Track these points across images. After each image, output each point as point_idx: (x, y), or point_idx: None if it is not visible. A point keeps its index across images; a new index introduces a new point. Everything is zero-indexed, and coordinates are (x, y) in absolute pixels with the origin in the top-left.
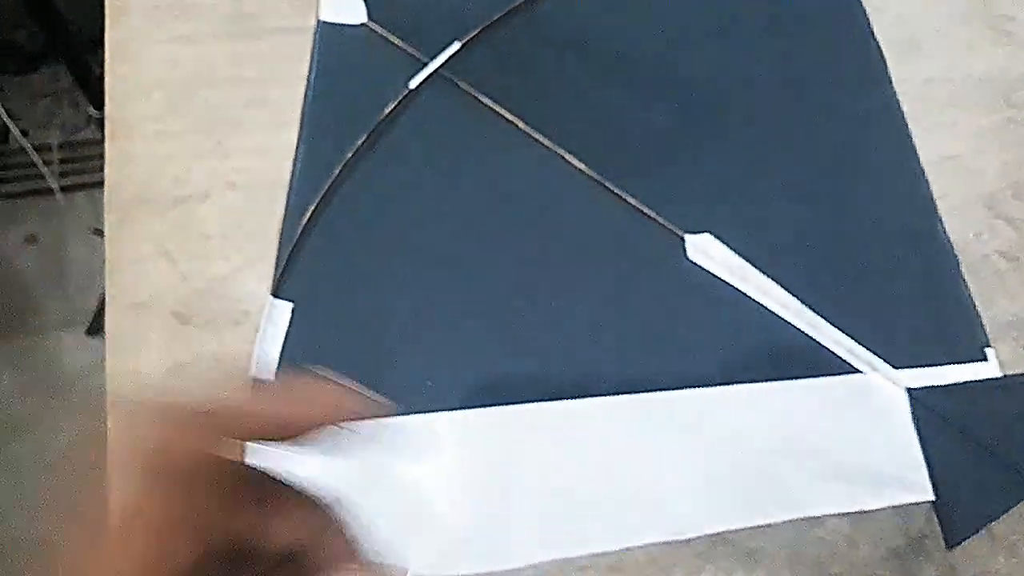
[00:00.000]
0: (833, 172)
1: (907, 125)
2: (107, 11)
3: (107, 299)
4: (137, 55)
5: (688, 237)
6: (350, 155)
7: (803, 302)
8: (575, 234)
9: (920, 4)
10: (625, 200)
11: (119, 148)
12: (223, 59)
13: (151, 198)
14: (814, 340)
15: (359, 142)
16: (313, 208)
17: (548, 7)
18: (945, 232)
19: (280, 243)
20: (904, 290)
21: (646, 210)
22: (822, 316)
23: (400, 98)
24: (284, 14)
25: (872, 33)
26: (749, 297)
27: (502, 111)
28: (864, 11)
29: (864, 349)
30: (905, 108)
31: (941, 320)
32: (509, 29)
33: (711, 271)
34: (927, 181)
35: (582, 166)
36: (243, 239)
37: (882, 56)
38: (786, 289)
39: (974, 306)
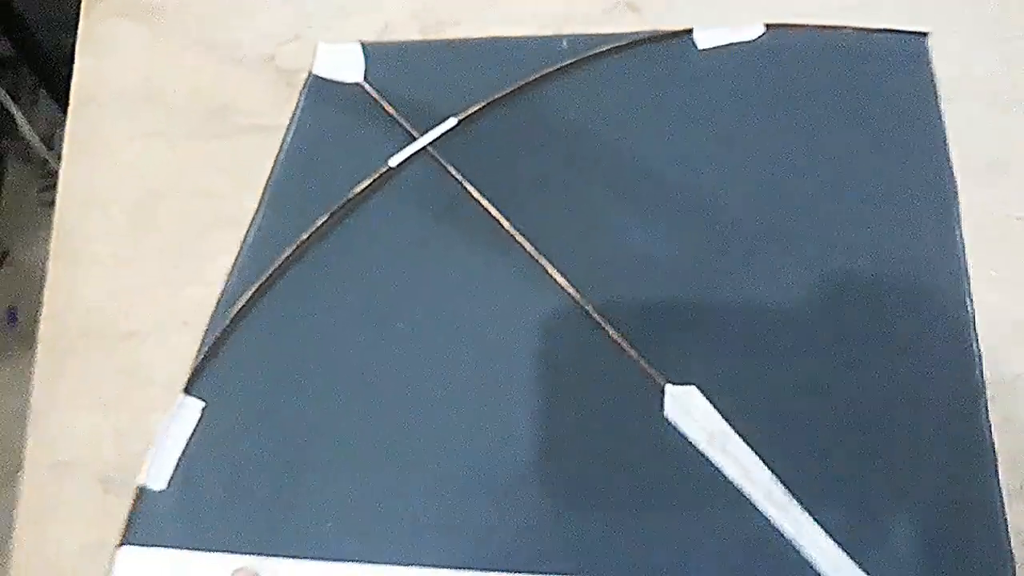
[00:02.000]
0: (864, 339)
1: (968, 282)
2: (72, 98)
3: (26, 453)
4: (98, 156)
5: (669, 388)
6: (305, 237)
7: (791, 494)
8: (542, 363)
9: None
10: (605, 330)
11: (64, 272)
12: (192, 164)
13: (93, 332)
14: (793, 547)
15: (319, 222)
16: (250, 294)
17: (560, 89)
18: (990, 429)
19: (206, 331)
20: (925, 505)
21: (626, 347)
22: (811, 515)
23: (376, 175)
24: (261, 110)
25: (947, 151)
26: (726, 477)
27: (488, 205)
28: (940, 117)
29: (854, 567)
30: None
31: (961, 544)
32: (514, 110)
33: (687, 435)
34: (979, 360)
35: (564, 283)
36: None
37: (954, 183)
38: (773, 473)
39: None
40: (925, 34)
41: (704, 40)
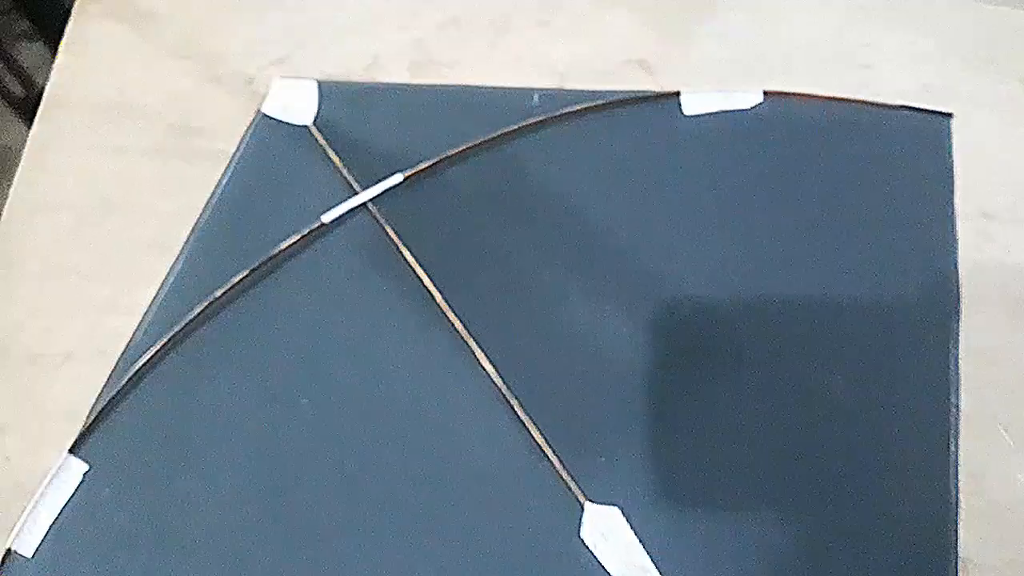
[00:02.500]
0: (834, 474)
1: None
2: (44, 100)
3: None
4: (57, 163)
5: (589, 507)
6: (219, 294)
7: None
8: (455, 458)
9: None
10: (529, 431)
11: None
12: (146, 183)
13: (3, 350)
14: None
15: (235, 279)
16: (153, 352)
17: (523, 149)
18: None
19: (104, 387)
20: None
21: (549, 452)
22: None
23: (307, 231)
24: (226, 135)
25: (955, 254)
26: None
27: (422, 274)
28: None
29: None
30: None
31: None
32: (468, 169)
33: (602, 563)
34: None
35: (491, 370)
36: None
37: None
38: None
39: None
40: (949, 115)
41: (692, 105)
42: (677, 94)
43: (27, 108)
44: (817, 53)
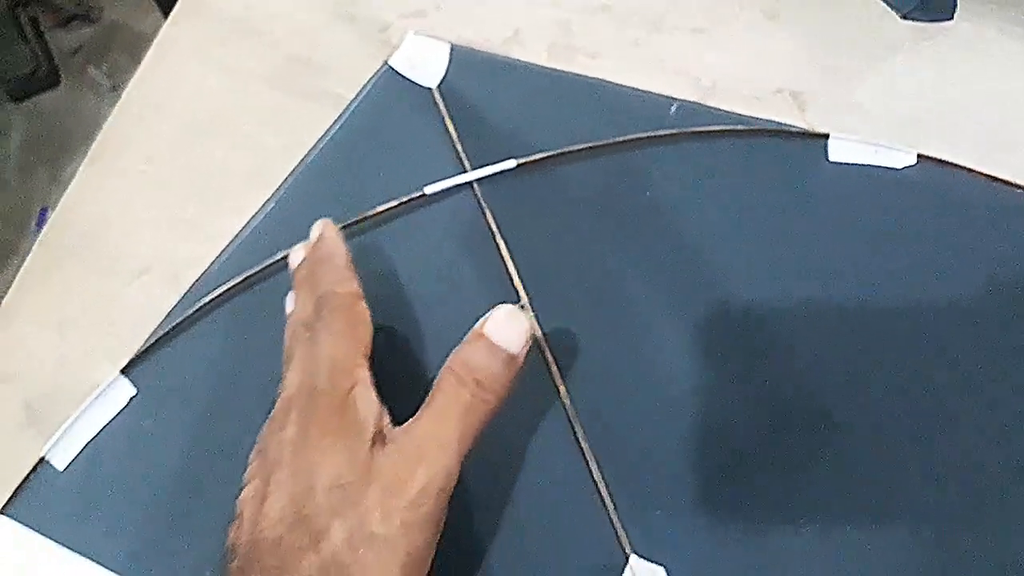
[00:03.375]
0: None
1: None
2: (177, 5)
3: None
4: (174, 74)
5: (634, 560)
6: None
7: None
8: (507, 473)
9: None
10: (589, 465)
11: (90, 181)
12: (259, 112)
13: (81, 254)
14: None
15: None
16: (224, 290)
17: (645, 159)
18: None
19: (169, 313)
20: None
21: (605, 494)
22: None
23: (406, 199)
24: (350, 79)
25: None
26: None
27: (512, 269)
28: None
29: None
30: None
31: None
32: (583, 169)
33: None
34: None
35: (564, 395)
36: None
37: None
38: None
39: None
40: None
41: (839, 151)
42: (825, 136)
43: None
44: (991, 125)
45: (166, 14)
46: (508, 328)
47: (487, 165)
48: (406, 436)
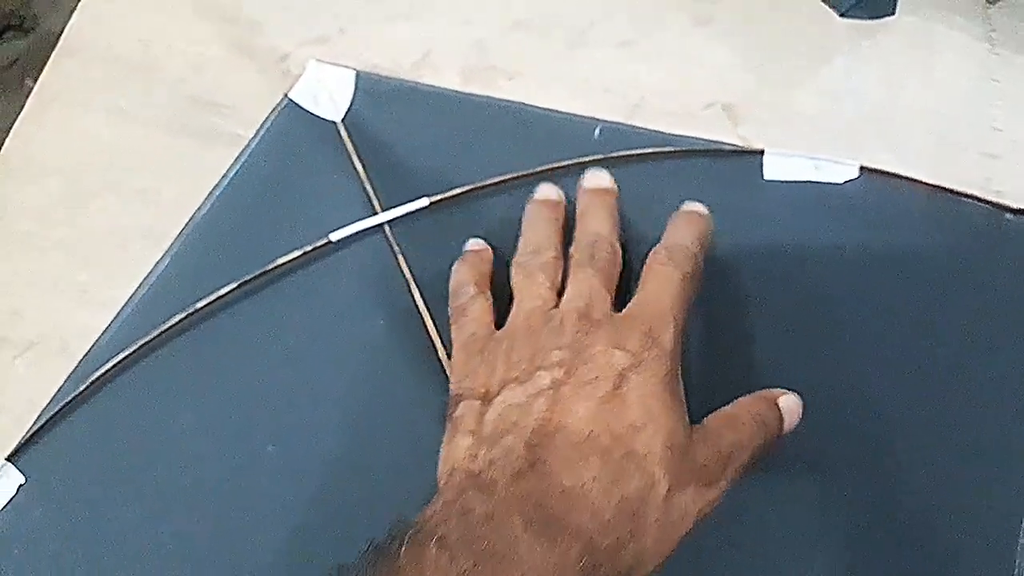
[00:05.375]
0: None
1: None
2: (60, 44)
3: None
4: (58, 119)
5: None
6: (201, 305)
7: None
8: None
9: None
10: None
11: None
12: (149, 157)
13: None
14: None
15: (222, 291)
16: (117, 361)
17: (569, 188)
18: None
19: (57, 392)
20: None
21: None
22: None
23: (310, 248)
24: (246, 118)
25: None
26: None
27: (427, 318)
28: None
29: None
30: None
31: None
32: (502, 202)
33: None
34: None
35: None
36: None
37: None
38: None
39: None
40: None
41: (775, 169)
42: (760, 153)
43: None
44: (936, 130)
45: None
46: None
47: (398, 205)
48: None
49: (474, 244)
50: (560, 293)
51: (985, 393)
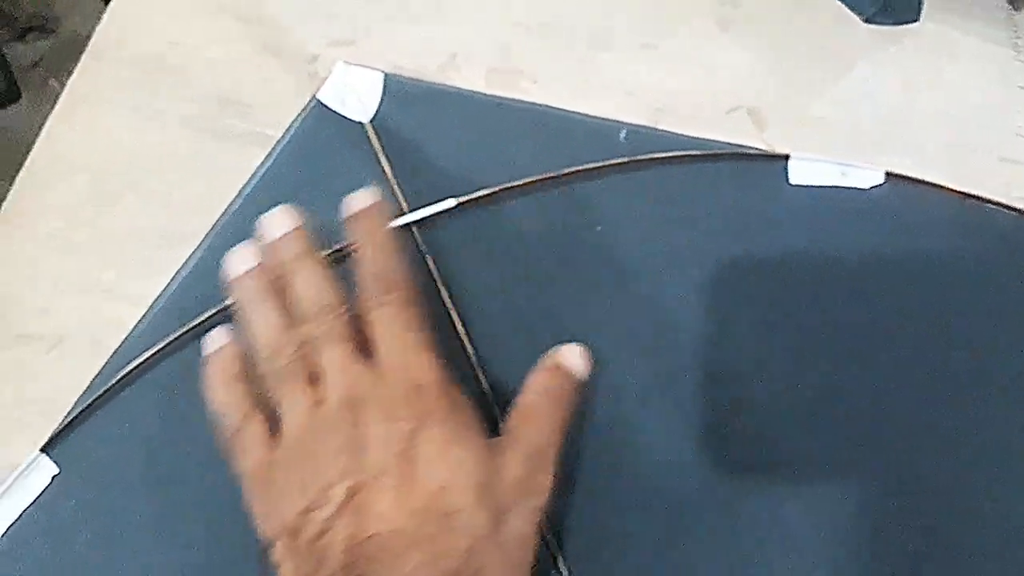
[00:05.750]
0: None
1: None
2: (87, 49)
3: None
4: (85, 119)
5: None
6: (231, 302)
7: None
8: None
9: None
10: None
11: (3, 236)
12: (175, 158)
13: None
14: None
15: None
16: (150, 355)
17: (594, 191)
18: None
19: (90, 384)
20: None
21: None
22: None
23: (338, 247)
24: (273, 119)
25: None
26: None
27: (456, 319)
28: None
29: None
30: None
31: None
32: (529, 204)
33: None
34: None
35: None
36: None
37: None
38: None
39: None
40: None
41: (801, 173)
42: (786, 157)
43: None
44: (960, 136)
45: None
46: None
47: (425, 206)
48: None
49: (216, 340)
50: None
51: (1009, 395)
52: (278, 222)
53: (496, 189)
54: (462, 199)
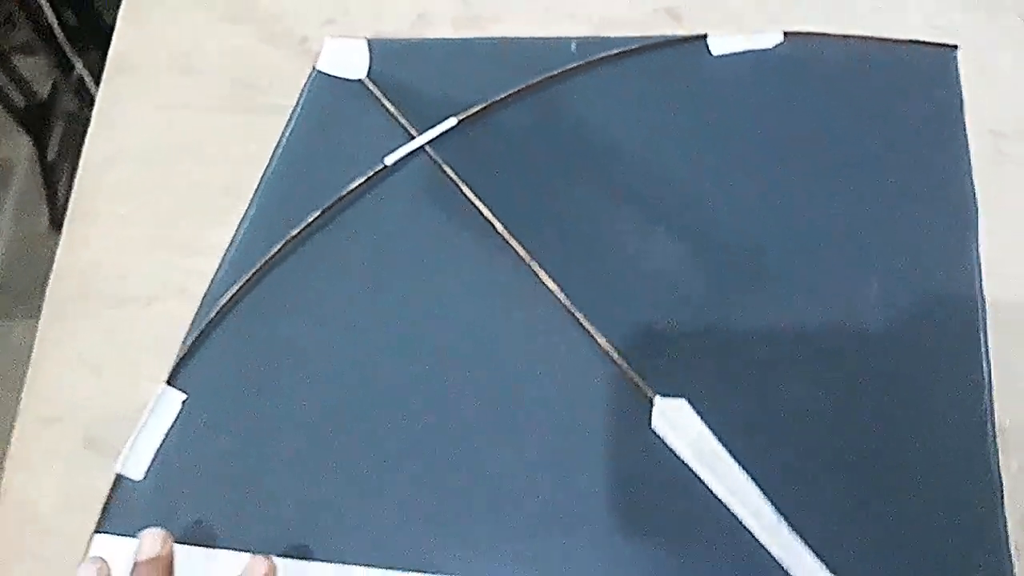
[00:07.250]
0: (866, 368)
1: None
2: (108, 65)
3: (20, 408)
4: (124, 119)
5: (658, 400)
6: (295, 233)
7: (781, 515)
8: (528, 370)
9: None
10: (595, 339)
11: (77, 232)
12: (214, 131)
13: (90, 295)
14: (782, 568)
15: (309, 218)
16: (237, 288)
17: (565, 92)
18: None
19: (193, 321)
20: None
21: (616, 357)
22: (800, 537)
23: (371, 173)
24: (285, 91)
25: (970, 170)
26: (714, 495)
27: (482, 207)
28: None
29: None
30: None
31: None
32: (516, 112)
33: (675, 450)
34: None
35: (555, 288)
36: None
37: (975, 209)
38: (764, 493)
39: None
40: (955, 47)
41: (718, 46)
42: (704, 37)
43: (29, 119)
44: None
45: (36, 139)
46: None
47: (430, 127)
48: None
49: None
50: None
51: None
52: (148, 546)
53: (486, 104)
54: (461, 116)
